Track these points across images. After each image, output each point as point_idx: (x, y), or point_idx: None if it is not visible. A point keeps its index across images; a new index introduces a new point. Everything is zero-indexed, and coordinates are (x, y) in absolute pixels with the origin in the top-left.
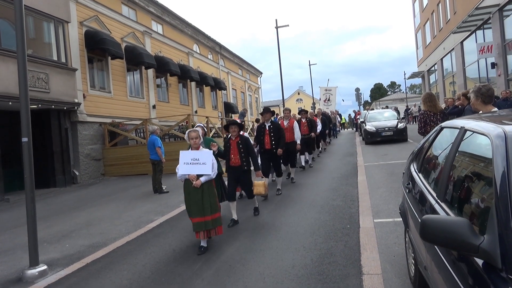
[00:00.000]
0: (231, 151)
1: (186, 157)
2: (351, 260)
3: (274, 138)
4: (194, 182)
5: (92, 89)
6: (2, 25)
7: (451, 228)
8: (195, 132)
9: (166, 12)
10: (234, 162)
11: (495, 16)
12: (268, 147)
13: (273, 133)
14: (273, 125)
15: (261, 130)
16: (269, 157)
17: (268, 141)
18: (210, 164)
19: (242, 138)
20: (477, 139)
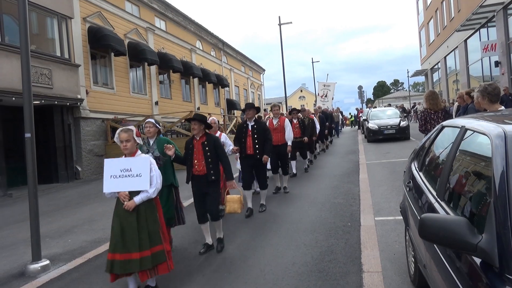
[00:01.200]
0: (194, 156)
1: (113, 167)
2: (352, 257)
3: (258, 141)
4: (125, 203)
5: (95, 85)
6: (6, 21)
7: (449, 227)
8: (127, 133)
9: (169, 9)
10: (198, 170)
11: (500, 14)
12: (251, 152)
13: (257, 135)
14: (258, 125)
15: (243, 130)
16: (251, 164)
17: (250, 145)
18: (148, 176)
19: (210, 138)
20: (477, 138)
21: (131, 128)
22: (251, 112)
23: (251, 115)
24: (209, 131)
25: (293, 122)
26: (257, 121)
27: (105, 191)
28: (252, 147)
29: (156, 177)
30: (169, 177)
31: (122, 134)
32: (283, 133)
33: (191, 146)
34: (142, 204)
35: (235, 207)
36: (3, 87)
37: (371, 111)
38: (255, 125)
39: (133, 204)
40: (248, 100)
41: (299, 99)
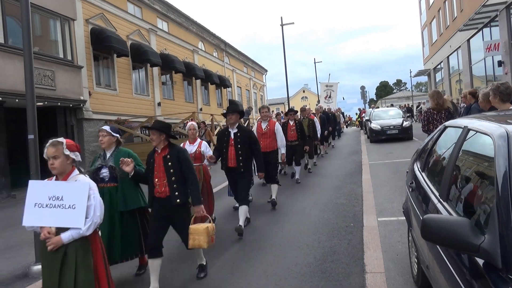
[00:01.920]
0: (154, 173)
1: (39, 193)
2: (354, 258)
3: (241, 152)
4: (48, 242)
5: (97, 87)
6: (9, 23)
7: (452, 228)
8: (54, 147)
9: (171, 10)
10: (160, 192)
11: (502, 13)
12: (233, 164)
13: (240, 145)
14: (242, 133)
15: (224, 139)
16: (233, 177)
17: (232, 156)
18: (83, 209)
19: (173, 150)
20: (480, 138)
21: (60, 140)
22: (233, 117)
23: (233, 120)
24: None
25: (289, 124)
26: (241, 128)
27: (24, 223)
28: (235, 158)
29: (94, 208)
30: (134, 200)
31: (49, 149)
32: (272, 138)
33: (152, 161)
34: (72, 245)
35: (200, 241)
36: (6, 89)
37: (374, 111)
38: (239, 133)
39: (58, 242)
40: (251, 101)
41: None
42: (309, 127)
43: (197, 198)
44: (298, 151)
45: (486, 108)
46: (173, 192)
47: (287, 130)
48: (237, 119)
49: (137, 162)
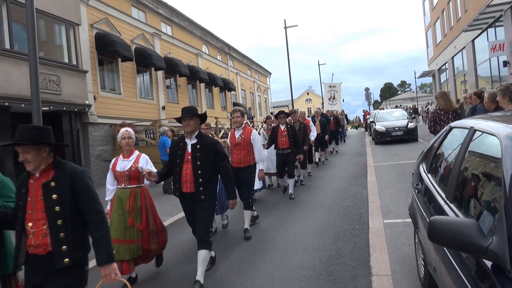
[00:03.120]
0: (27, 213)
1: None
2: (360, 261)
3: (202, 171)
4: None
5: (102, 91)
6: (15, 29)
7: (459, 230)
8: None
9: (175, 14)
10: (35, 245)
11: (507, 13)
12: (189, 190)
13: (201, 161)
14: (204, 144)
15: (177, 152)
16: (190, 207)
17: (189, 177)
18: None
19: (63, 172)
20: (487, 139)
21: None
22: (191, 123)
23: (191, 127)
24: (123, 153)
25: (280, 129)
26: (203, 138)
27: None
28: (192, 181)
29: None
30: None
31: None
32: (247, 150)
33: (24, 193)
34: None
35: None
36: (12, 94)
37: (379, 113)
38: (199, 144)
39: None
40: (255, 104)
41: (306, 101)
42: (300, 132)
43: (106, 253)
44: (291, 161)
45: (491, 108)
46: (57, 246)
47: (277, 136)
48: (197, 125)
49: (4, 192)
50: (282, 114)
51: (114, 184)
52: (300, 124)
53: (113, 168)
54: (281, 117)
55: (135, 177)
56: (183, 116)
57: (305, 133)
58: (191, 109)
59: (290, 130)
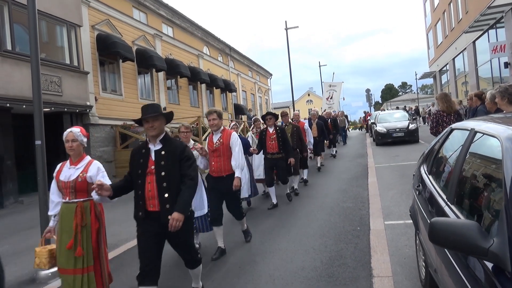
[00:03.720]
0: None
1: None
2: (361, 262)
3: (168, 185)
4: None
5: (103, 92)
6: (16, 30)
7: (460, 231)
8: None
9: (176, 15)
10: None
11: (508, 15)
12: (154, 208)
13: (166, 171)
14: (170, 150)
15: (138, 161)
16: (154, 234)
17: (152, 194)
18: None
19: None
20: (487, 141)
21: None
22: (157, 124)
23: (157, 130)
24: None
25: (268, 131)
26: (169, 142)
27: None
28: (156, 197)
29: None
30: None
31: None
32: (227, 156)
33: None
34: None
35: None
36: (13, 95)
37: (380, 114)
38: (163, 150)
39: None
40: (256, 105)
41: (307, 103)
42: (293, 136)
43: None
44: (282, 167)
45: (492, 109)
46: None
47: (265, 139)
48: (162, 127)
49: None
50: (270, 115)
51: (60, 195)
52: (293, 127)
53: (56, 176)
54: (268, 118)
55: (83, 190)
56: (145, 117)
57: (299, 137)
58: (154, 108)
59: (279, 133)
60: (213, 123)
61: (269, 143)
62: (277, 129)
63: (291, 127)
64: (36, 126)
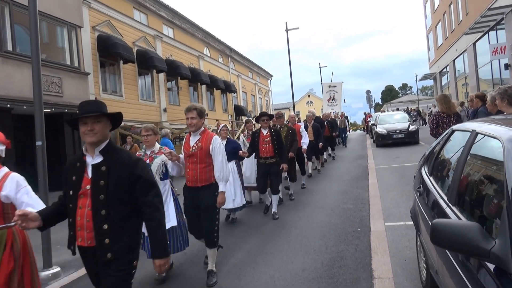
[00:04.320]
0: None
1: None
2: (362, 263)
3: (108, 212)
4: None
5: (104, 93)
6: (17, 31)
7: (461, 233)
8: None
9: (177, 16)
10: None
11: (509, 16)
12: (87, 242)
13: (106, 194)
14: (114, 165)
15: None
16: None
17: (86, 222)
18: None
19: None
20: (489, 142)
21: None
22: (98, 128)
23: (97, 136)
24: None
25: (261, 133)
26: (113, 152)
27: None
28: (91, 228)
29: None
30: None
31: None
32: (206, 164)
33: None
34: None
35: None
36: (14, 96)
37: (380, 115)
38: (104, 165)
39: None
40: (256, 106)
41: (307, 104)
42: (287, 138)
43: None
44: (275, 173)
45: (493, 111)
46: None
47: (258, 142)
48: (105, 132)
49: None
50: (265, 116)
51: None
52: (288, 130)
53: None
54: (264, 119)
55: None
56: (82, 116)
57: (293, 139)
58: (97, 105)
59: (274, 135)
60: (191, 123)
61: (263, 146)
62: (272, 131)
63: (286, 129)
64: (37, 127)
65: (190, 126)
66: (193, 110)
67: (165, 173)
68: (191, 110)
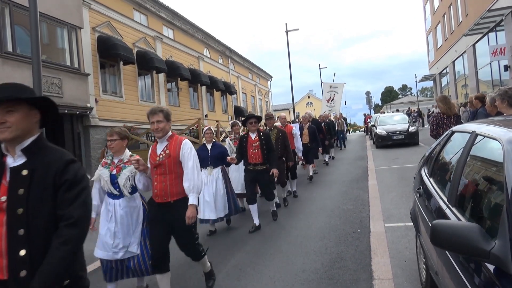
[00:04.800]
0: None
1: None
2: (362, 264)
3: (28, 232)
4: None
5: (104, 94)
6: (18, 32)
7: (461, 233)
8: None
9: (177, 17)
10: None
11: (508, 18)
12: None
13: (28, 207)
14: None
15: None
16: None
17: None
18: None
19: None
20: (489, 143)
21: None
22: (12, 119)
23: (11, 131)
24: None
25: (250, 138)
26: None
27: None
28: (3, 254)
29: None
30: None
31: None
32: (176, 175)
33: None
34: None
35: None
36: None
37: (380, 116)
38: (26, 168)
39: None
40: (256, 108)
41: (307, 105)
42: (277, 142)
43: None
44: (266, 181)
45: (493, 112)
46: None
47: (246, 147)
48: (25, 125)
49: None
50: (253, 118)
51: None
52: (278, 132)
53: None
54: (251, 122)
55: None
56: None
57: (284, 143)
58: (10, 89)
59: (263, 140)
60: (157, 127)
61: (251, 152)
62: (261, 135)
63: (276, 131)
64: None
65: (156, 131)
66: (159, 112)
67: (135, 186)
68: (157, 113)
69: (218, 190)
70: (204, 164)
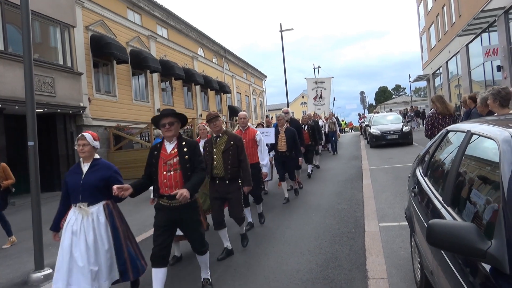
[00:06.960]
0: None
1: None
2: (357, 264)
3: None
4: None
5: (97, 93)
6: (9, 30)
7: (458, 233)
8: None
9: (171, 16)
10: None
11: (501, 18)
12: None
13: None
14: None
15: None
16: None
17: None
18: None
19: None
20: (484, 143)
21: None
22: None
23: None
24: None
25: (163, 148)
26: None
27: None
28: None
29: None
30: None
31: None
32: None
33: None
34: None
35: None
36: (6, 96)
37: (374, 116)
38: None
39: None
40: (250, 107)
41: (301, 105)
42: (227, 154)
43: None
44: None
45: (484, 112)
46: None
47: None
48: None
49: None
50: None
51: None
52: (229, 141)
53: None
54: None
55: None
56: None
57: (240, 156)
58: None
59: (231, 146)
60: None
61: (163, 174)
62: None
63: (225, 139)
64: (29, 127)
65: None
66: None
67: None
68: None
69: None
70: None
